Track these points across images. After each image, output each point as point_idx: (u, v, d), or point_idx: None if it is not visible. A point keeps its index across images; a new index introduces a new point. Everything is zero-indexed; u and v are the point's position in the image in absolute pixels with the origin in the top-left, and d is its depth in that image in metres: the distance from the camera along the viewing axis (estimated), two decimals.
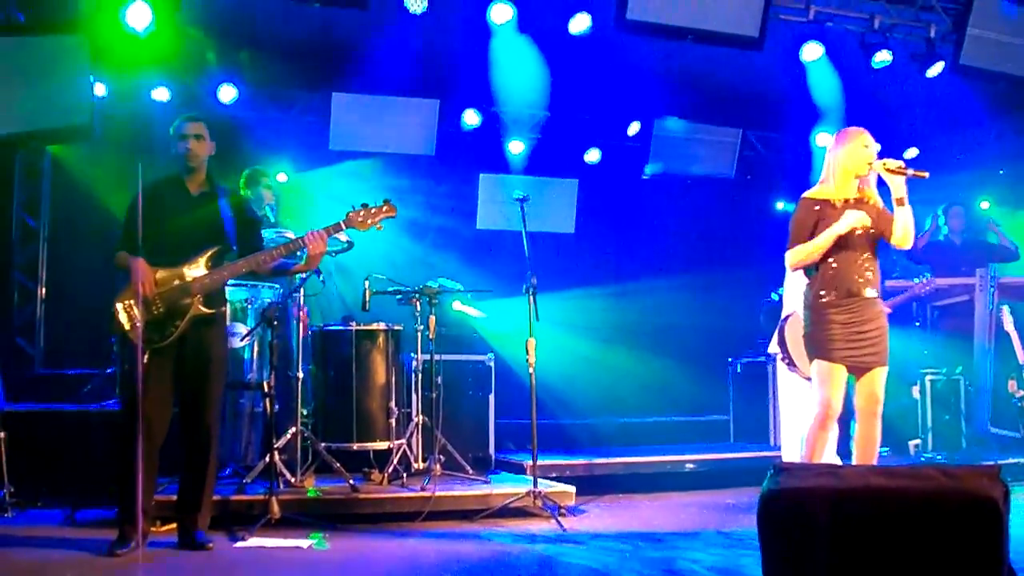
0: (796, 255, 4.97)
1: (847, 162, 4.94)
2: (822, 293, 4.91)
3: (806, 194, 5.06)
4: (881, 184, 4.96)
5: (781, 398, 7.09)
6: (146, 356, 4.72)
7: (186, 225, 4.90)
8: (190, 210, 4.95)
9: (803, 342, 5.08)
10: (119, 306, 4.77)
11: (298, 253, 5.07)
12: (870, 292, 4.88)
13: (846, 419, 5.28)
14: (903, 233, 4.85)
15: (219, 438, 6.37)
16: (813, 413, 4.93)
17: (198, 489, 4.89)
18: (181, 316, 4.79)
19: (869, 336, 4.85)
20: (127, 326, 4.75)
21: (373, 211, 5.07)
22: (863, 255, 4.90)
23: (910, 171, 4.76)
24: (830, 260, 4.90)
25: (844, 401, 4.97)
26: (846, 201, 4.93)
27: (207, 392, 4.92)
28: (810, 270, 5.02)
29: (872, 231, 4.92)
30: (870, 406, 4.89)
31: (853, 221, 4.83)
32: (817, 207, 4.96)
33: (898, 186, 4.80)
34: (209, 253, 4.90)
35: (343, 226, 5.03)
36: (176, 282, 4.81)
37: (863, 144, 4.92)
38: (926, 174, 4.75)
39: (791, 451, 6.46)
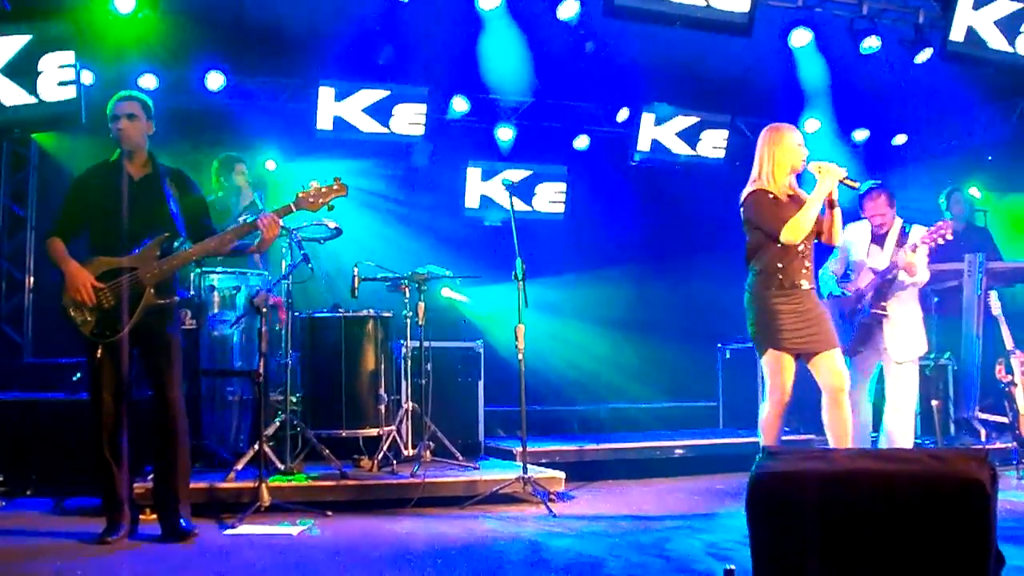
0: (795, 227, 5.04)
1: (785, 159, 5.18)
2: (769, 286, 5.12)
3: (756, 187, 5.22)
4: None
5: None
6: (99, 350, 4.64)
7: (131, 212, 4.68)
8: (134, 196, 4.73)
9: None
10: (67, 302, 4.64)
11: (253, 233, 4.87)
12: (806, 284, 5.13)
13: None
14: (836, 231, 5.25)
15: (207, 426, 6.45)
16: (771, 400, 5.11)
17: (171, 476, 4.77)
18: (133, 308, 4.62)
19: (812, 322, 5.08)
20: (78, 322, 4.65)
21: (324, 190, 4.93)
22: (803, 250, 5.13)
23: (847, 180, 5.10)
24: (776, 255, 5.11)
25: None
26: (788, 196, 5.18)
27: (166, 380, 4.76)
28: (753, 265, 5.23)
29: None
30: (834, 382, 5.07)
31: (835, 175, 5.06)
32: (772, 197, 5.17)
33: (831, 189, 5.11)
34: (158, 240, 4.71)
35: (293, 208, 4.88)
36: (125, 273, 4.64)
37: (798, 143, 5.21)
38: (857, 184, 5.23)
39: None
